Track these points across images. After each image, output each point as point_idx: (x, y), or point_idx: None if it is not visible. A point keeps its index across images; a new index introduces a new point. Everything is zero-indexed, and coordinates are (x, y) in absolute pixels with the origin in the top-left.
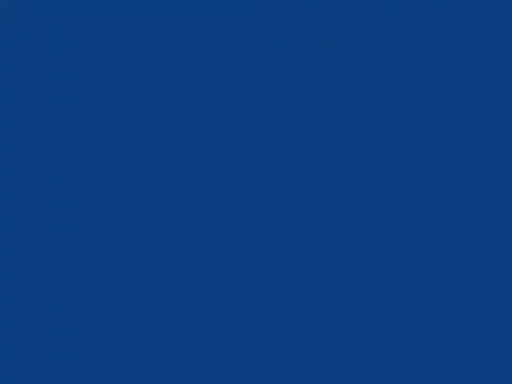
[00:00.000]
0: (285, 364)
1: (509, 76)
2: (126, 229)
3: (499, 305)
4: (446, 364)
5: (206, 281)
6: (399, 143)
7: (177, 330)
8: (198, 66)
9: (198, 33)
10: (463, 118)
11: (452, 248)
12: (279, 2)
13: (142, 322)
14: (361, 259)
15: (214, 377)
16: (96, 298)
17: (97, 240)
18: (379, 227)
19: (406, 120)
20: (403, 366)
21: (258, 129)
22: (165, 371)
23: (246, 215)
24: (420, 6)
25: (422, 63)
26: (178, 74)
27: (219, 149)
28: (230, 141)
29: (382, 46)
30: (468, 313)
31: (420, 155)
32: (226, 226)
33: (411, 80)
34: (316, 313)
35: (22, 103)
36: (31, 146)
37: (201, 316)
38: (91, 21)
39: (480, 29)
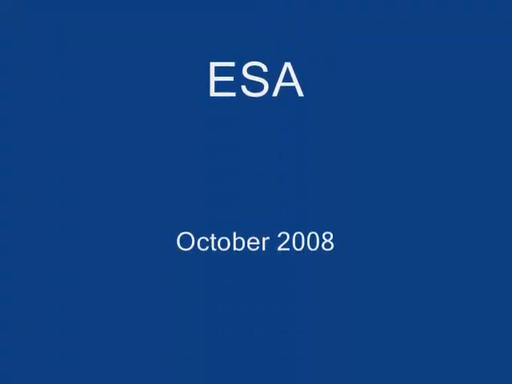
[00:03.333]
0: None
1: (509, 76)
2: (125, 227)
3: (499, 305)
4: (445, 362)
5: (207, 282)
6: (399, 143)
7: (176, 330)
8: (197, 66)
9: (197, 32)
10: (463, 118)
11: (451, 244)
12: (279, 2)
13: (142, 321)
14: (360, 256)
15: None
16: (96, 298)
17: (96, 239)
18: (379, 225)
19: (406, 120)
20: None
21: (257, 129)
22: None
23: (247, 217)
24: (420, 6)
25: (421, 63)
26: (178, 73)
27: (219, 149)
28: (230, 141)
29: (382, 46)
30: (468, 311)
31: (420, 155)
32: (225, 225)
33: (411, 80)
34: (316, 315)
35: (22, 103)
36: (31, 145)
37: (201, 321)
38: (91, 21)
39: (480, 29)
